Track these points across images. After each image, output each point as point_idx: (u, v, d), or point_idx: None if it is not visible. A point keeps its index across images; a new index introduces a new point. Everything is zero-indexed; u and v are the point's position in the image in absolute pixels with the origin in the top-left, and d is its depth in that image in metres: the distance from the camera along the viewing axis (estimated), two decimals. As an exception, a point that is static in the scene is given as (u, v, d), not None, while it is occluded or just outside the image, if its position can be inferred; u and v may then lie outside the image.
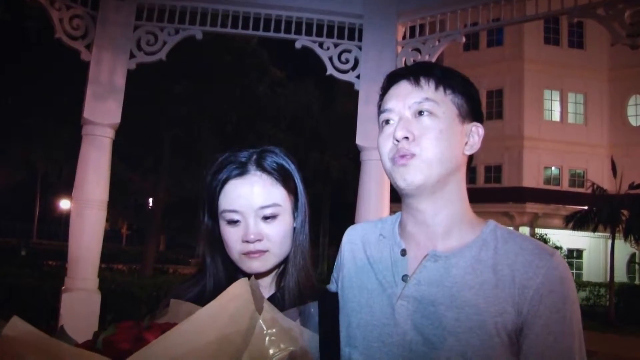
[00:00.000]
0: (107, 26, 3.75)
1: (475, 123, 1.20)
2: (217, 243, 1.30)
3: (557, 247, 12.12)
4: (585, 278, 20.71)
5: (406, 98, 1.17)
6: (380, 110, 1.24)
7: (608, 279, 16.87)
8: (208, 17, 3.93)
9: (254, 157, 1.28)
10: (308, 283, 1.31)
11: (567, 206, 19.02)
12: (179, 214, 21.61)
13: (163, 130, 15.40)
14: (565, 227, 16.71)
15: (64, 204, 36.30)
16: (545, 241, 17.06)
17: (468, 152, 1.20)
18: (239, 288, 0.98)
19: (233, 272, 1.30)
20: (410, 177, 1.13)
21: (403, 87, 1.19)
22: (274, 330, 0.97)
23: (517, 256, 1.10)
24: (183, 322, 0.90)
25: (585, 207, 17.00)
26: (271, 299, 1.24)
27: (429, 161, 1.13)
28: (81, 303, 3.50)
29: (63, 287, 3.57)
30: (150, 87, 12.01)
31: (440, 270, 1.13)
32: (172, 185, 17.88)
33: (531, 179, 21.29)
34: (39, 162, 19.22)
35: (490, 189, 20.76)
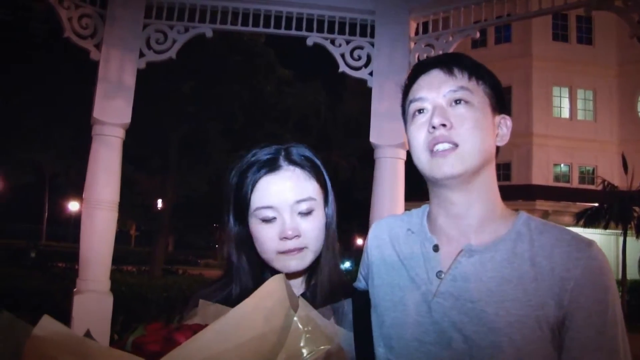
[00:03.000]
0: (116, 25, 3.70)
1: (503, 115, 1.21)
2: (245, 245, 1.26)
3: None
4: (596, 275, 20.48)
5: (440, 87, 1.15)
6: (409, 100, 1.21)
7: (620, 276, 16.71)
8: (218, 14, 3.88)
9: (283, 152, 1.25)
10: (339, 280, 1.27)
11: (578, 203, 18.88)
12: (187, 214, 21.64)
13: (170, 130, 15.38)
14: (576, 225, 16.55)
15: (73, 205, 36.50)
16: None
17: (499, 144, 1.21)
18: (273, 285, 0.94)
19: (261, 274, 1.25)
20: (449, 168, 1.11)
21: (435, 76, 1.17)
22: (309, 328, 0.93)
23: (554, 248, 1.08)
24: (216, 321, 0.86)
25: (596, 204, 16.87)
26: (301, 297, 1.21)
27: (470, 151, 1.11)
28: (93, 305, 3.46)
29: (75, 289, 3.53)
30: (158, 87, 11.99)
31: (476, 265, 1.11)
32: (179, 186, 17.87)
33: (540, 177, 21.15)
34: (47, 166, 19.22)
35: (500, 186, 20.47)
